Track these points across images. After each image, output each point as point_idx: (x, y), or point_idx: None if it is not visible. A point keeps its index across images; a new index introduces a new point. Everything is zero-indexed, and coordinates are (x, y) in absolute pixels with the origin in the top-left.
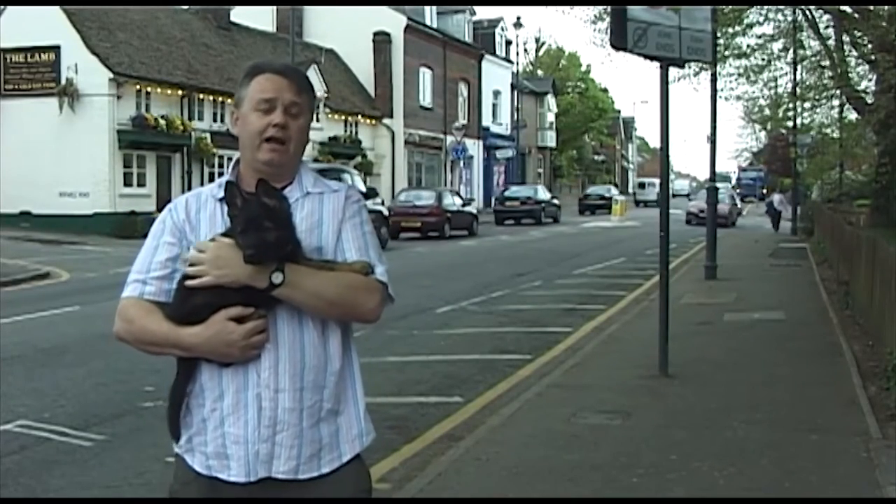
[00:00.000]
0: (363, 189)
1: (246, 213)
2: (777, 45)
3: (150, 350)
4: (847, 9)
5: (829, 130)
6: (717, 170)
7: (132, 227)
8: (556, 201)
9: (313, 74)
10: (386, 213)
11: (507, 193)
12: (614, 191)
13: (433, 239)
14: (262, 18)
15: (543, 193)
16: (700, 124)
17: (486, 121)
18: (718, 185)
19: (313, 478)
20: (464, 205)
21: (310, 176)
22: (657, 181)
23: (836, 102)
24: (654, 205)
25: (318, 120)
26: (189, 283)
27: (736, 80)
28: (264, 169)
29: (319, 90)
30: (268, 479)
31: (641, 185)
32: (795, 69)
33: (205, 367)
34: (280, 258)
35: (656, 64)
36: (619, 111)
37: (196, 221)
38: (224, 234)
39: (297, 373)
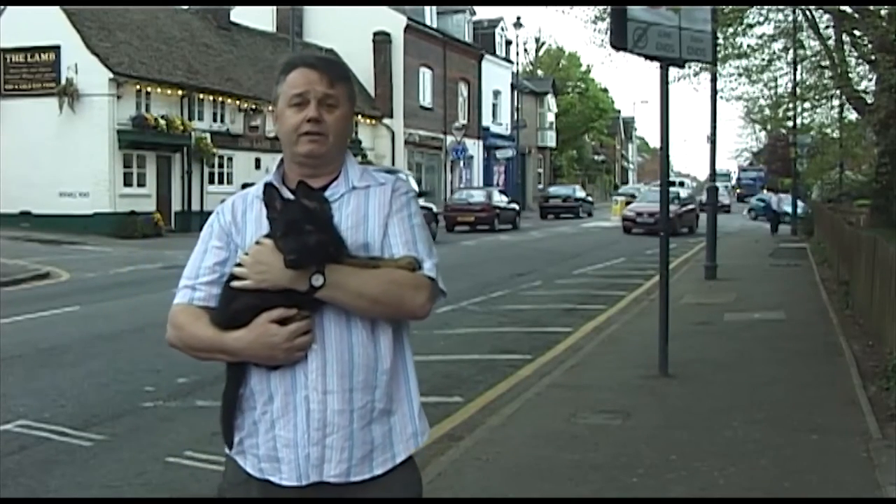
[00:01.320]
0: (416, 188)
1: (285, 217)
2: (777, 45)
3: (200, 356)
4: (847, 9)
5: (829, 130)
6: (717, 169)
7: (132, 227)
8: (590, 199)
9: None
10: (436, 209)
11: (550, 192)
12: (643, 189)
13: (480, 232)
14: (262, 18)
15: (580, 192)
16: (700, 124)
17: (486, 121)
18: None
19: (365, 480)
20: (509, 202)
21: (356, 169)
22: (687, 180)
23: (836, 102)
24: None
25: None
26: (234, 283)
27: (736, 80)
28: (306, 162)
29: None
30: (320, 482)
31: (671, 183)
32: (795, 69)
33: (253, 371)
34: (321, 260)
35: (656, 64)
36: (619, 111)
37: (242, 223)
38: (267, 236)
39: (346, 374)
